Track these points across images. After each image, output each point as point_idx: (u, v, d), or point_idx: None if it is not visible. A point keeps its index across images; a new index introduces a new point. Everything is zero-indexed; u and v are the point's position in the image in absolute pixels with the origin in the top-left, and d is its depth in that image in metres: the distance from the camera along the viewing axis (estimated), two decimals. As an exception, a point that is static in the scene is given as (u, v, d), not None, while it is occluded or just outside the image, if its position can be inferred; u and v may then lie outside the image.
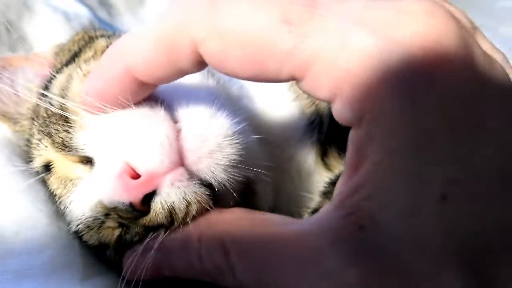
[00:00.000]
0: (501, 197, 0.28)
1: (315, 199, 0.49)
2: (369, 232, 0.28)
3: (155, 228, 0.38)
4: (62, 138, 0.42)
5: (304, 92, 0.32)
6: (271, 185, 0.48)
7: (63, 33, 0.65)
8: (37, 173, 0.46)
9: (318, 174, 0.55)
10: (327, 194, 0.49)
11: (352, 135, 0.31)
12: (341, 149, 0.55)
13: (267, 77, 0.31)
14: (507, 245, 0.28)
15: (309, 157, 0.55)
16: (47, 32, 0.65)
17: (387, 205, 0.28)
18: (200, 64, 0.33)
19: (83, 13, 0.73)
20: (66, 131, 0.42)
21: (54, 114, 0.43)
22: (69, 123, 0.42)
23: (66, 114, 0.41)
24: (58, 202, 0.44)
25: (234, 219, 0.37)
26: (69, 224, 0.43)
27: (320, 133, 0.55)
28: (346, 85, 0.29)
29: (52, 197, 0.46)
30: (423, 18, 0.29)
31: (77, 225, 0.42)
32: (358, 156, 0.30)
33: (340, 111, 0.30)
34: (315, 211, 0.48)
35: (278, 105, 0.56)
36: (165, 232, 0.38)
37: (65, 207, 0.43)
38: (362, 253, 0.28)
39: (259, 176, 0.43)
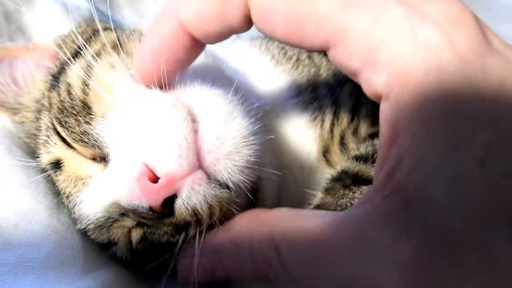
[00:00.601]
0: None
1: (318, 195, 0.49)
2: (415, 208, 0.29)
3: (185, 225, 0.38)
4: (82, 129, 0.41)
5: (333, 61, 0.33)
6: (275, 182, 0.48)
7: (63, 25, 0.64)
8: (43, 170, 0.45)
9: (320, 171, 0.55)
10: (328, 190, 0.49)
11: (383, 110, 0.31)
12: (343, 146, 0.55)
13: (302, 39, 0.33)
14: None
15: (311, 154, 0.55)
16: (46, 23, 0.64)
17: (429, 177, 0.28)
18: (248, 22, 0.35)
19: (83, 5, 0.72)
20: (88, 122, 0.41)
21: (76, 104, 0.42)
22: (91, 114, 0.41)
23: (88, 104, 0.41)
24: (67, 201, 0.43)
25: (280, 217, 0.37)
26: (75, 221, 0.43)
27: (323, 129, 0.55)
28: (379, 53, 0.30)
29: (52, 190, 0.45)
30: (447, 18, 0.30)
31: (88, 225, 0.41)
32: (392, 131, 0.30)
33: (370, 79, 0.31)
34: (317, 207, 0.47)
35: (280, 100, 0.56)
36: (205, 231, 0.38)
37: (74, 206, 0.42)
38: (411, 230, 0.29)
39: (267, 174, 0.43)
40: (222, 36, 0.36)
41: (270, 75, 0.58)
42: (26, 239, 0.40)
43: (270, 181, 0.47)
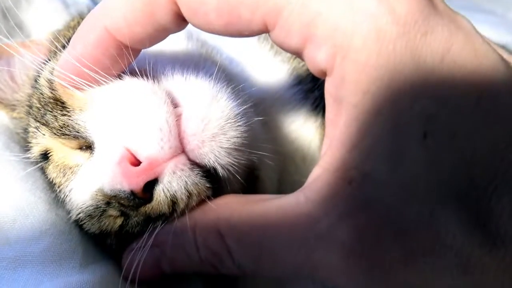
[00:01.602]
0: (481, 127, 0.27)
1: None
2: (358, 184, 0.27)
3: (156, 218, 0.38)
4: (61, 123, 0.41)
5: (276, 43, 0.32)
6: (275, 171, 0.48)
7: (61, 20, 0.64)
8: (36, 162, 0.45)
9: (322, 160, 0.54)
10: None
11: (327, 86, 0.30)
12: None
13: (240, 27, 0.31)
14: (494, 177, 0.27)
15: (312, 143, 0.54)
16: (44, 18, 0.64)
17: (371, 152, 0.27)
18: (180, 19, 0.33)
19: (81, 0, 0.72)
20: (65, 115, 0.40)
21: (49, 102, 0.42)
22: (67, 107, 0.40)
23: (60, 99, 0.40)
24: (57, 191, 0.43)
25: (225, 204, 0.36)
26: (68, 212, 0.42)
27: (324, 118, 0.54)
28: (317, 26, 0.29)
29: (50, 184, 0.45)
30: None
31: (78, 214, 0.41)
32: (336, 107, 0.29)
33: (312, 56, 0.30)
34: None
35: (280, 89, 0.55)
36: (161, 225, 0.37)
37: (64, 195, 0.42)
38: (353, 208, 0.28)
39: (263, 161, 0.42)
40: (155, 38, 0.35)
41: (269, 64, 0.57)
42: (24, 234, 0.40)
43: (270, 169, 0.46)
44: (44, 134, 0.43)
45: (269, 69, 0.56)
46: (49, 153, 0.43)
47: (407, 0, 0.28)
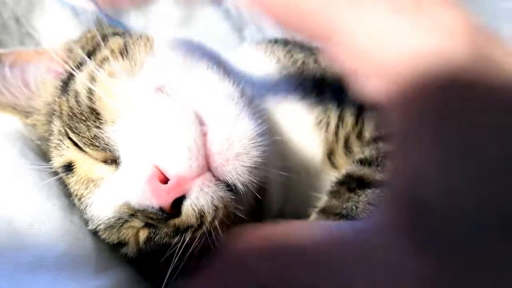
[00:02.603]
0: None
1: (323, 198, 0.50)
2: (430, 218, 0.28)
3: (185, 229, 0.39)
4: (93, 134, 0.42)
5: (329, 59, 0.33)
6: (283, 184, 0.49)
7: (71, 28, 0.65)
8: (55, 173, 0.46)
9: (325, 173, 0.56)
10: (334, 193, 0.49)
11: (379, 116, 0.32)
12: (347, 149, 0.56)
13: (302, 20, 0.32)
14: None
15: (316, 156, 0.56)
16: (55, 26, 0.65)
17: (438, 186, 0.28)
18: None
19: (90, 9, 0.73)
20: (98, 127, 0.42)
21: (84, 111, 0.43)
22: (101, 119, 0.42)
23: (96, 110, 0.42)
24: (78, 202, 0.45)
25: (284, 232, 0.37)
26: (86, 222, 0.44)
27: (327, 132, 0.56)
28: (374, 54, 0.30)
29: (65, 191, 0.46)
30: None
31: (98, 225, 0.42)
32: (400, 136, 0.30)
33: (365, 83, 0.31)
34: (322, 210, 0.48)
35: (286, 106, 0.57)
36: (192, 234, 0.39)
37: (85, 207, 0.44)
38: (430, 241, 0.28)
39: (274, 176, 0.44)
40: None
41: (275, 80, 0.59)
42: (40, 240, 0.41)
43: (278, 183, 0.48)
44: (68, 147, 0.44)
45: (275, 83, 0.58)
46: (73, 166, 0.45)
47: (459, 40, 0.29)
